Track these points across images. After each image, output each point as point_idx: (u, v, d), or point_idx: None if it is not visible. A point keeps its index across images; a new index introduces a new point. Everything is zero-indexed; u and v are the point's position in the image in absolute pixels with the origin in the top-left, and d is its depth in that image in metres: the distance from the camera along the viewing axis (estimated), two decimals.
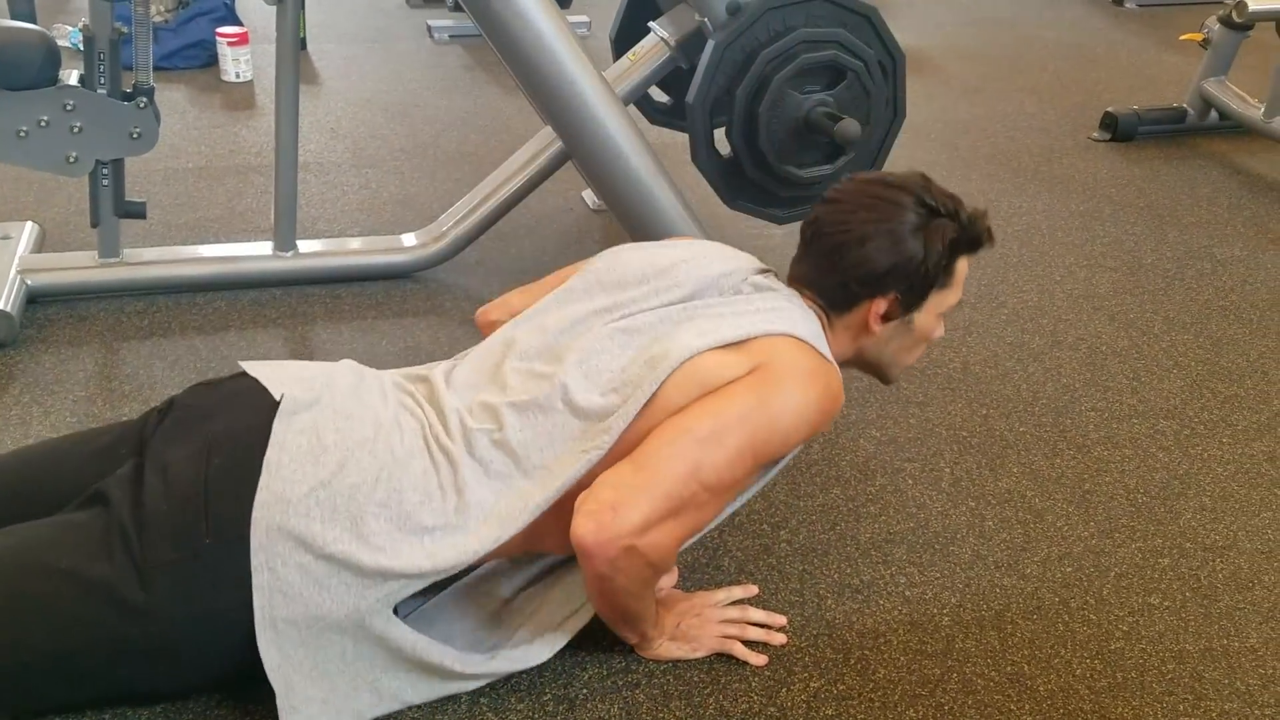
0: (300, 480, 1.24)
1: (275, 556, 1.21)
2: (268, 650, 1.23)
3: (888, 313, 1.44)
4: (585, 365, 1.35)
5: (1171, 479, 1.92)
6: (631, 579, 1.28)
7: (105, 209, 2.23)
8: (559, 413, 1.32)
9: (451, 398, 1.37)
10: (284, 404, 1.30)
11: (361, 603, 1.24)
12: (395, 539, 1.25)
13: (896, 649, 1.52)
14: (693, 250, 1.51)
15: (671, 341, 1.33)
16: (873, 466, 1.91)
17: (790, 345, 1.36)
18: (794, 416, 1.33)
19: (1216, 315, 2.48)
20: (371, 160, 3.14)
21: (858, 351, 1.50)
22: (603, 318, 1.41)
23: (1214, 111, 3.56)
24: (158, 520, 1.21)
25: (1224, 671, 1.52)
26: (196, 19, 3.89)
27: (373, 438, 1.29)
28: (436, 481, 1.29)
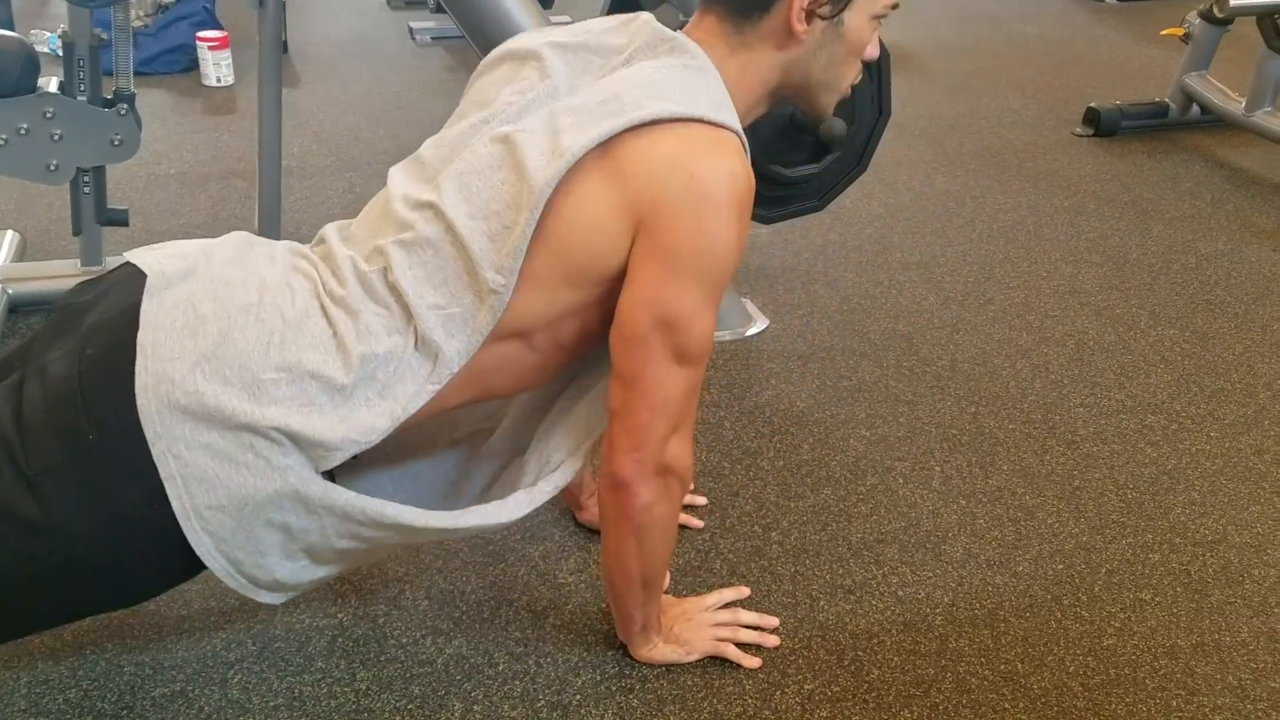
0: (180, 356, 1.14)
1: (176, 440, 1.12)
2: (198, 538, 1.15)
3: (811, 6, 1.25)
4: (464, 188, 1.23)
5: (1160, 474, 1.92)
6: (672, 502, 1.29)
7: (87, 217, 2.21)
8: (447, 245, 1.22)
9: (346, 248, 1.27)
10: (151, 280, 1.20)
11: (288, 475, 1.16)
12: (304, 404, 1.16)
13: (890, 649, 1.52)
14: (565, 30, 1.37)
15: (538, 158, 1.19)
16: (863, 466, 1.91)
17: (671, 150, 1.19)
18: (725, 252, 1.21)
19: (1202, 309, 2.49)
20: (355, 163, 3.13)
21: (783, 74, 1.31)
22: (479, 129, 1.29)
23: (1196, 106, 3.58)
24: (37, 424, 1.13)
25: (1216, 666, 1.52)
26: (176, 23, 3.86)
27: (258, 302, 1.19)
28: (335, 337, 1.19)
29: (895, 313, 2.42)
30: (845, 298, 2.48)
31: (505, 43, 1.40)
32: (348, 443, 1.18)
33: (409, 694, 1.43)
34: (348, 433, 1.17)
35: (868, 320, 2.39)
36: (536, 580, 1.62)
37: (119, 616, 1.51)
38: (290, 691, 1.42)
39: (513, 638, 1.52)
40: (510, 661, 1.48)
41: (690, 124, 1.20)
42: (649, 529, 1.31)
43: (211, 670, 1.45)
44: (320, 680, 1.44)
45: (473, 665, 1.47)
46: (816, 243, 2.73)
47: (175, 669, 1.44)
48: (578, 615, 1.56)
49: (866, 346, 2.29)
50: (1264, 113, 3.33)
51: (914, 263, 2.65)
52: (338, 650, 1.49)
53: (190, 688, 1.42)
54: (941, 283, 2.56)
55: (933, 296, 2.50)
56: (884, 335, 2.33)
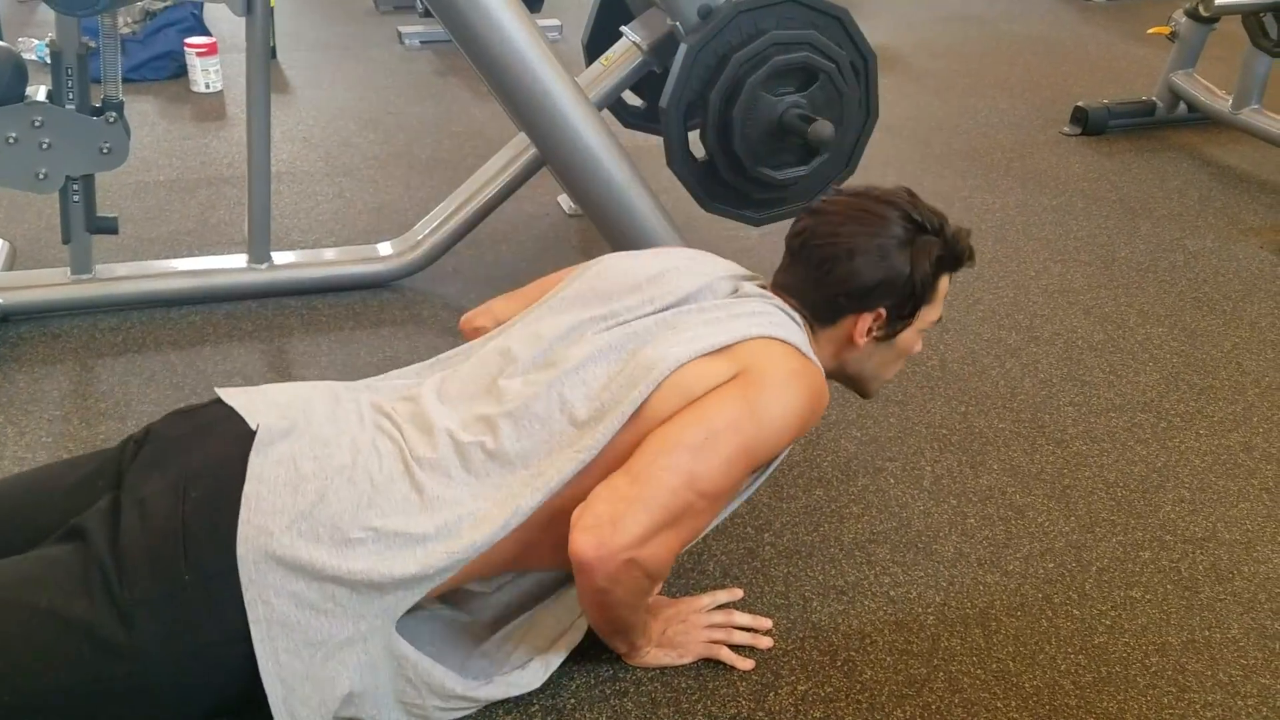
0: (281, 512, 1.22)
1: (267, 588, 1.19)
2: (272, 685, 1.21)
3: (873, 327, 1.45)
4: (581, 373, 1.34)
5: (1150, 472, 1.93)
6: (630, 591, 1.28)
7: (76, 225, 2.21)
8: (556, 421, 1.31)
9: (442, 415, 1.35)
10: (260, 434, 1.27)
11: (361, 623, 1.23)
12: (384, 553, 1.24)
13: (882, 649, 1.53)
14: (683, 257, 1.52)
15: (659, 348, 1.33)
16: (854, 467, 1.92)
17: (774, 347, 1.36)
18: (782, 418, 1.33)
19: (1190, 307, 2.51)
20: (345, 169, 3.13)
21: (839, 364, 1.51)
22: (596, 325, 1.40)
23: (1183, 104, 3.60)
24: (136, 557, 1.18)
25: (1206, 663, 1.53)
26: (164, 30, 3.86)
27: (350, 464, 1.27)
28: (421, 501, 1.27)
29: None
30: None
31: (621, 256, 1.54)
32: (426, 569, 1.24)
33: None
34: (423, 566, 1.24)
35: None
36: None
37: None
38: None
39: None
40: None
41: (796, 349, 1.38)
42: (608, 606, 1.31)
43: None
44: None
45: None
46: None
47: None
48: None
49: None
50: (1250, 110, 3.35)
51: None
52: None
53: None
54: None
55: None
56: None
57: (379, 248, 2.51)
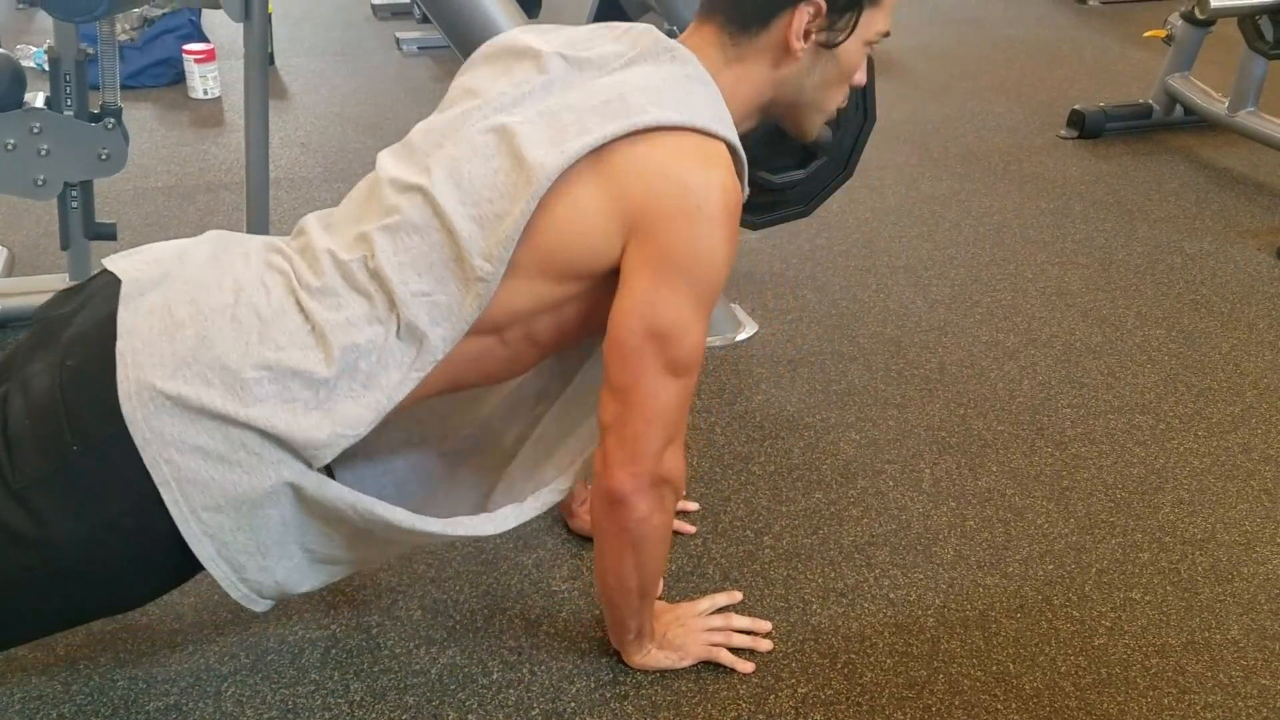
0: (160, 363, 1.14)
1: (167, 445, 1.12)
2: (198, 542, 1.16)
3: (810, 26, 1.27)
4: (455, 174, 1.22)
5: (1149, 473, 1.93)
6: (668, 512, 1.29)
7: (75, 231, 2.21)
8: (433, 231, 1.21)
9: (325, 239, 1.26)
10: (126, 287, 1.20)
11: (282, 469, 1.16)
12: (288, 401, 1.16)
13: (882, 652, 1.53)
14: (571, 32, 1.37)
15: (535, 150, 1.18)
16: (853, 469, 1.92)
17: (663, 159, 1.19)
18: (716, 262, 1.22)
19: (1188, 309, 2.51)
20: (343, 174, 3.13)
21: (774, 89, 1.33)
22: (472, 116, 1.28)
23: (1179, 107, 3.60)
24: (21, 438, 1.14)
25: (1207, 664, 1.53)
26: (162, 36, 3.86)
27: (233, 302, 1.19)
28: (313, 331, 1.19)
29: (883, 316, 2.43)
30: (834, 302, 2.49)
31: (499, 37, 1.39)
32: (335, 437, 1.18)
33: (403, 704, 1.43)
34: (334, 427, 1.17)
35: (856, 324, 2.40)
36: (530, 588, 1.63)
37: (111, 630, 1.51)
38: (284, 704, 1.42)
39: (506, 646, 1.52)
40: (504, 670, 1.48)
41: (685, 133, 1.21)
42: (646, 540, 1.31)
43: (205, 683, 1.44)
44: (314, 692, 1.44)
45: (467, 674, 1.47)
46: (804, 248, 2.74)
47: (169, 682, 1.44)
48: (571, 623, 1.56)
49: (855, 350, 2.29)
50: (1247, 112, 3.35)
51: (901, 267, 2.66)
52: (331, 661, 1.49)
53: (184, 701, 1.42)
54: (929, 286, 2.57)
55: (920, 300, 2.51)
56: (872, 339, 2.34)
57: None
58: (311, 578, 1.29)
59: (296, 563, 1.25)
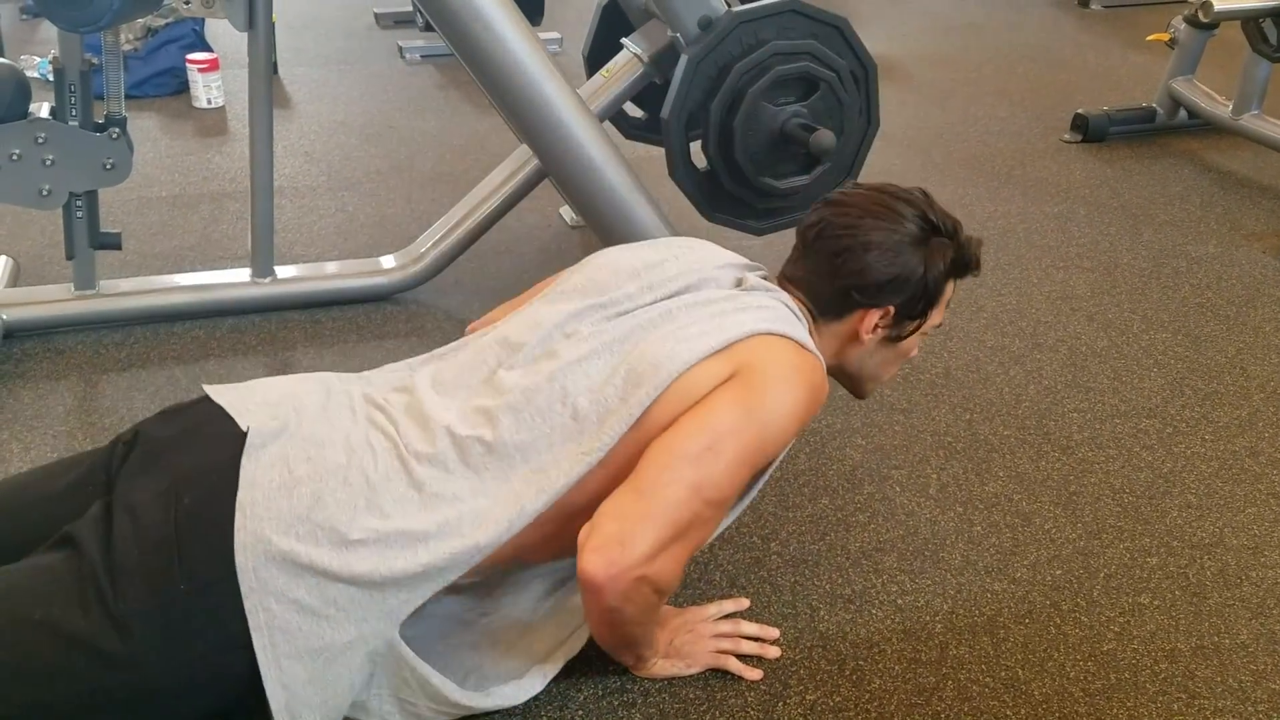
0: (276, 517, 1.21)
1: (268, 595, 1.18)
2: (274, 691, 1.20)
3: (880, 324, 1.44)
4: (584, 365, 1.32)
5: (1156, 478, 1.93)
6: (640, 608, 1.27)
7: (80, 241, 2.21)
8: (557, 414, 1.29)
9: (438, 406, 1.33)
10: (250, 438, 1.26)
11: (364, 625, 1.22)
12: (385, 553, 1.22)
13: (891, 658, 1.52)
14: (682, 246, 1.50)
15: (664, 345, 1.31)
16: (860, 475, 1.91)
17: (774, 343, 1.34)
18: (782, 415, 1.31)
19: (1194, 313, 2.50)
20: (347, 183, 3.13)
21: (840, 362, 1.50)
22: (596, 314, 1.39)
23: (1183, 110, 3.60)
24: (129, 567, 1.17)
25: (1216, 669, 1.52)
26: (166, 46, 3.87)
27: (345, 464, 1.26)
28: (420, 497, 1.26)
29: None
30: None
31: (619, 249, 1.52)
32: (429, 569, 1.23)
33: None
34: (430, 558, 1.23)
35: None
36: None
37: None
38: None
39: None
40: None
41: (794, 342, 1.36)
42: (619, 625, 1.31)
43: None
44: None
45: None
46: None
47: None
48: None
49: None
50: (1251, 116, 3.36)
51: None
52: None
53: None
54: None
55: None
56: None
57: (382, 261, 2.51)
58: None
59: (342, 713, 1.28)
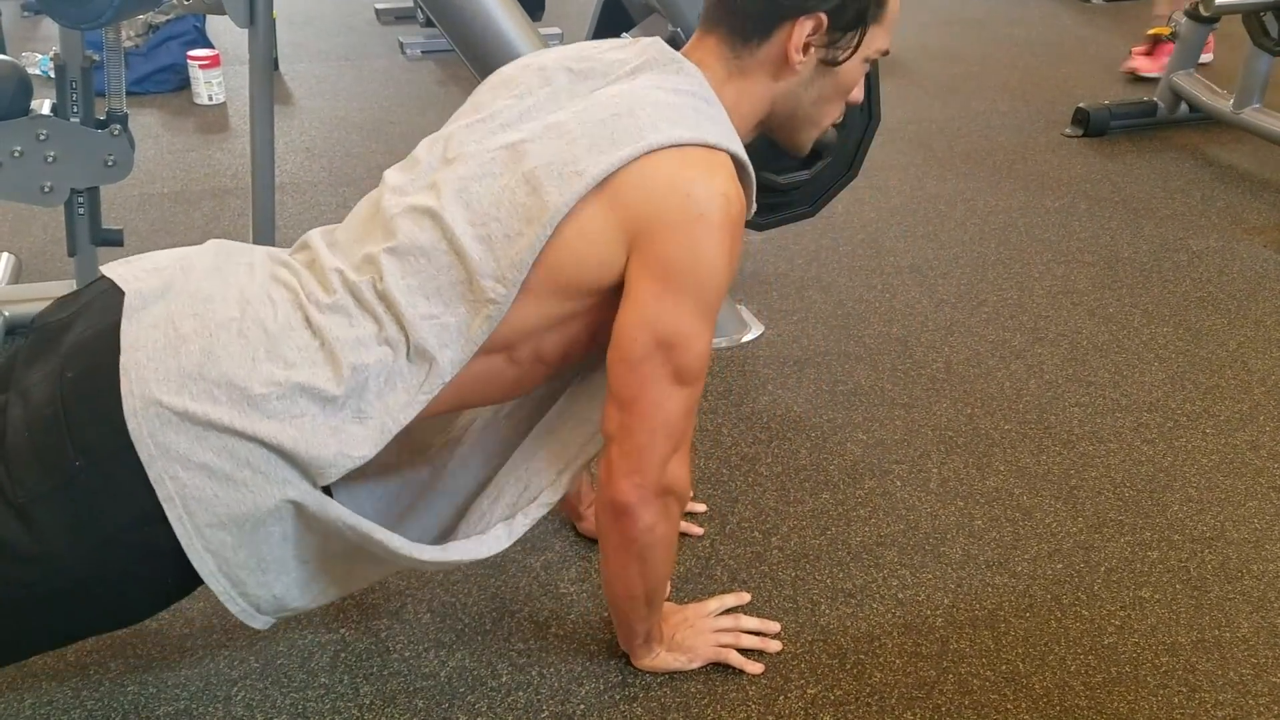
0: (165, 377, 1.13)
1: (172, 462, 1.12)
2: (200, 558, 1.15)
3: (811, 40, 1.28)
4: (463, 193, 1.22)
5: (1157, 472, 1.93)
6: (672, 523, 1.29)
7: (82, 237, 2.21)
8: (443, 254, 1.20)
9: (333, 256, 1.25)
10: (129, 299, 1.18)
11: (286, 488, 1.16)
12: (295, 417, 1.15)
13: (892, 652, 1.53)
14: (573, 49, 1.36)
15: (544, 173, 1.19)
16: (860, 470, 1.92)
17: (668, 173, 1.19)
18: (717, 270, 1.21)
19: (1195, 307, 2.50)
20: (348, 179, 3.13)
21: (772, 103, 1.34)
22: (477, 132, 1.28)
23: (1184, 104, 3.59)
24: (22, 452, 1.13)
25: (1217, 662, 1.52)
26: (167, 43, 3.87)
27: (239, 316, 1.18)
28: (323, 348, 1.18)
29: (889, 316, 2.43)
30: (839, 302, 2.49)
31: (508, 64, 1.40)
32: (340, 458, 1.17)
33: (413, 707, 1.43)
34: (340, 448, 1.17)
35: (862, 324, 2.40)
36: (538, 591, 1.63)
37: (121, 637, 1.51)
38: (294, 708, 1.42)
39: (515, 649, 1.52)
40: (513, 673, 1.48)
41: (691, 148, 1.21)
42: (651, 549, 1.31)
43: (215, 688, 1.45)
44: (324, 696, 1.44)
45: (476, 677, 1.48)
46: (809, 248, 2.74)
47: (179, 687, 1.45)
48: (580, 625, 1.56)
49: (861, 350, 2.29)
50: (1252, 109, 3.35)
51: (907, 266, 2.66)
52: (340, 665, 1.49)
53: (194, 705, 1.42)
54: (935, 286, 2.57)
55: (926, 299, 2.50)
56: (879, 339, 2.34)
57: None
58: (308, 594, 1.28)
59: (294, 578, 1.25)
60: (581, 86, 1.29)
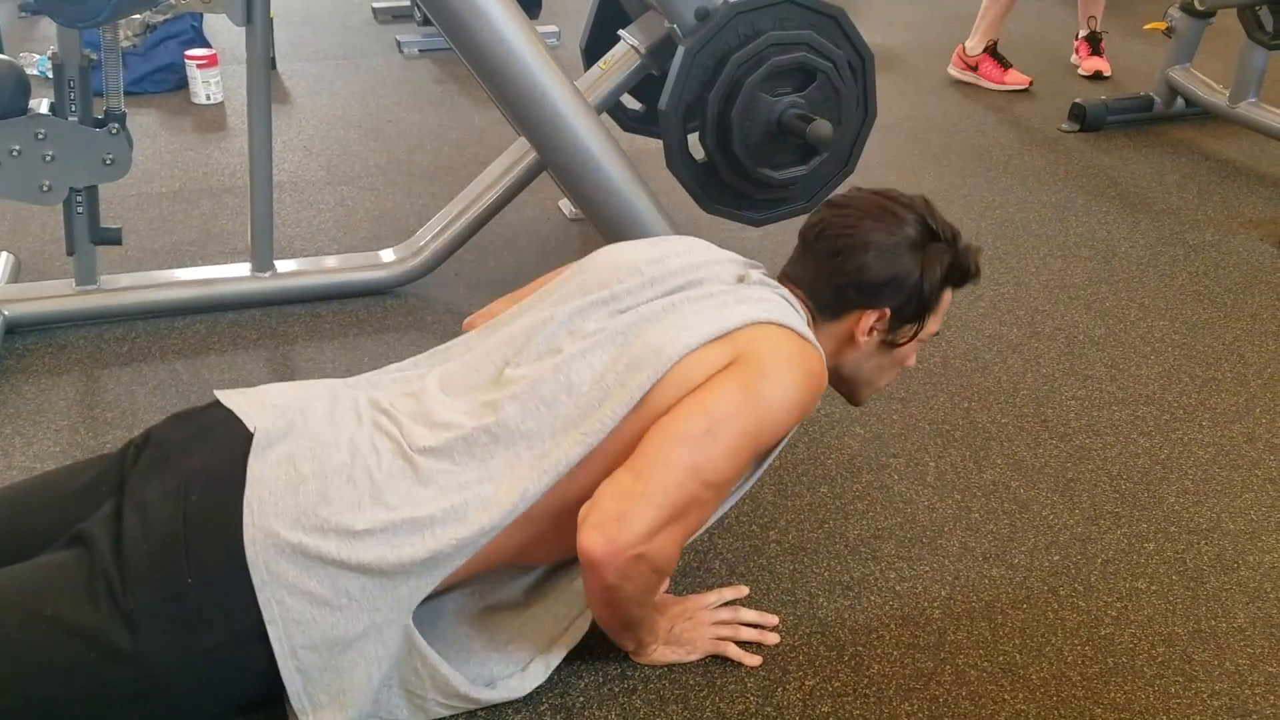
0: (284, 513, 1.24)
1: (280, 589, 1.21)
2: (291, 678, 1.23)
3: (875, 326, 1.46)
4: (587, 357, 1.34)
5: (1153, 464, 1.94)
6: (639, 586, 1.28)
7: (80, 236, 2.22)
8: (561, 404, 1.32)
9: (446, 405, 1.36)
10: (257, 437, 1.29)
11: (376, 614, 1.25)
12: (393, 540, 1.25)
13: (889, 644, 1.53)
14: (682, 244, 1.53)
15: (665, 333, 1.33)
16: (858, 464, 1.92)
17: (774, 331, 1.36)
18: (783, 401, 1.33)
19: (1191, 300, 2.51)
20: (346, 177, 3.14)
21: (835, 364, 1.51)
22: (599, 309, 1.41)
23: (1180, 99, 3.60)
24: (138, 562, 1.20)
25: (1213, 653, 1.53)
26: (165, 42, 3.87)
27: (349, 463, 1.29)
28: (425, 491, 1.28)
29: None
30: None
31: (623, 246, 1.55)
32: (436, 555, 1.25)
33: None
34: (437, 545, 1.25)
35: None
36: None
37: None
38: None
39: None
40: None
41: (797, 331, 1.38)
42: (618, 604, 1.32)
43: None
44: None
45: None
46: None
47: None
48: None
49: None
50: (1248, 103, 3.36)
51: None
52: None
53: None
54: None
55: None
56: None
57: (381, 254, 2.52)
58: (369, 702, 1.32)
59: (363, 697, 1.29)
60: (700, 289, 1.42)
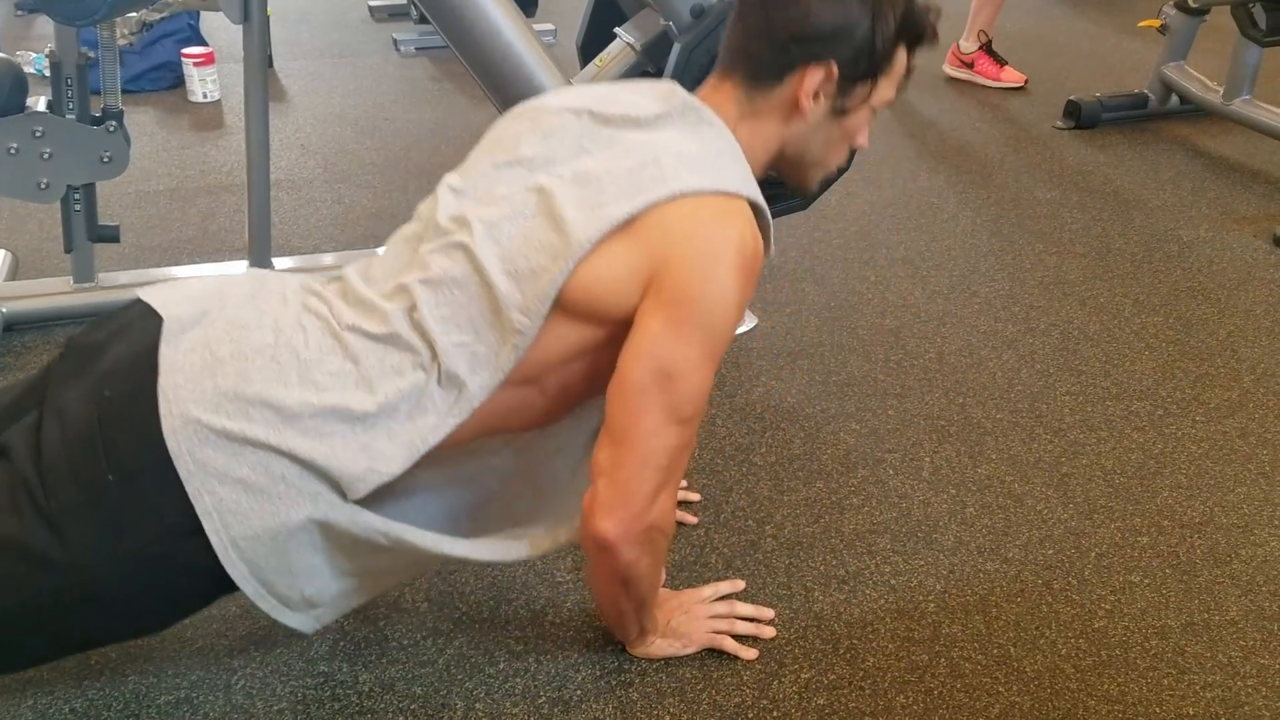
0: (202, 398, 1.18)
1: (210, 477, 1.17)
2: (234, 566, 1.20)
3: (821, 88, 1.32)
4: (494, 231, 1.27)
5: (1147, 459, 1.95)
6: (654, 556, 1.30)
7: (78, 234, 2.22)
8: (474, 285, 1.25)
9: (367, 287, 1.30)
10: (167, 325, 1.24)
11: (318, 501, 1.21)
12: (326, 434, 1.20)
13: (884, 637, 1.54)
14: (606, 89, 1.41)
15: (571, 212, 1.24)
16: (854, 459, 1.93)
17: (685, 216, 1.24)
18: (723, 307, 1.25)
19: (1185, 296, 2.52)
20: (343, 175, 3.14)
21: (781, 145, 1.38)
22: (506, 174, 1.33)
23: (1175, 96, 3.61)
24: (57, 466, 1.17)
25: (1206, 645, 1.54)
26: (161, 41, 3.87)
27: (273, 343, 1.23)
28: (357, 371, 1.23)
29: (882, 308, 2.45)
30: (833, 294, 2.50)
31: (530, 100, 1.44)
32: (369, 472, 1.21)
33: (411, 694, 1.44)
34: (369, 462, 1.21)
35: (855, 316, 2.41)
36: (535, 579, 1.64)
37: None
38: (293, 695, 1.44)
39: (513, 636, 1.54)
40: (511, 660, 1.50)
41: (713, 196, 1.26)
42: (636, 580, 1.33)
43: (215, 676, 1.46)
44: (323, 684, 1.46)
45: (474, 664, 1.49)
46: (803, 241, 2.75)
47: (179, 676, 1.46)
48: (576, 613, 1.58)
49: (855, 342, 2.31)
50: (1242, 101, 3.37)
51: (899, 258, 2.68)
52: (340, 654, 1.50)
53: (195, 694, 1.43)
54: (927, 277, 2.59)
55: (919, 291, 2.52)
56: (872, 330, 2.35)
57: (378, 252, 2.52)
58: (337, 595, 1.31)
59: (323, 581, 1.28)
60: (606, 131, 1.33)
